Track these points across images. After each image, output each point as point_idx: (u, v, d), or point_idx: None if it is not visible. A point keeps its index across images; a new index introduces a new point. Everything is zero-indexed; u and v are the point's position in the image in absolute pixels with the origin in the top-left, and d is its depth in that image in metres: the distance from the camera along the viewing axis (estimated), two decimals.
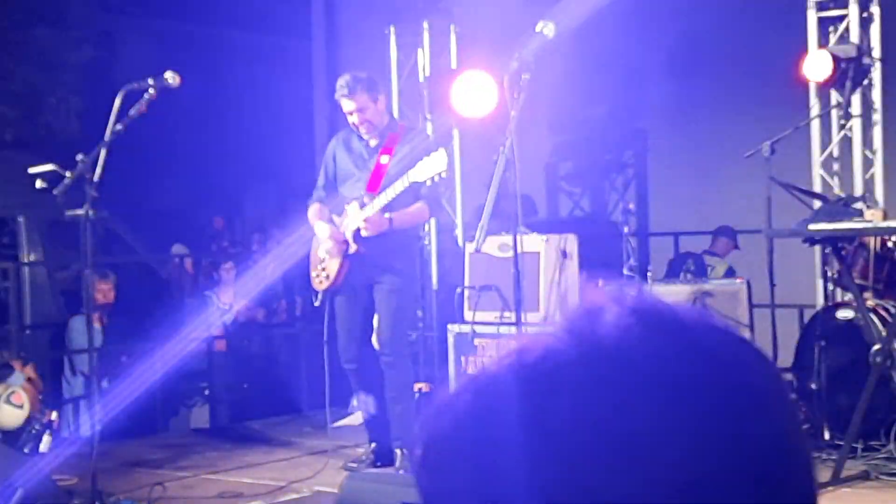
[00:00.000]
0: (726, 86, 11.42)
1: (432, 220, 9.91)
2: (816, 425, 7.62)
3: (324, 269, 7.61)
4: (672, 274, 10.37)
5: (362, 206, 7.42)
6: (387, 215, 7.38)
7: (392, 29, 10.21)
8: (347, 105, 7.48)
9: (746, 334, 1.03)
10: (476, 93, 9.38)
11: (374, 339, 7.68)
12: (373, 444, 7.74)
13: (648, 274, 9.37)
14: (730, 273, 10.24)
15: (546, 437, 0.88)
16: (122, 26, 17.91)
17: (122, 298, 10.23)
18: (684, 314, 0.94)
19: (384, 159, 7.51)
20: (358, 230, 7.40)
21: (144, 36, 17.89)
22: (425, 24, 10.03)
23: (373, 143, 7.59)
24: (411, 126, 7.79)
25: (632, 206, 11.31)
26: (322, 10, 13.59)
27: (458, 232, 10.11)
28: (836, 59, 9.10)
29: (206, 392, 10.34)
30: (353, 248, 7.48)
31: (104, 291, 9.62)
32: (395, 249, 7.49)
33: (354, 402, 9.45)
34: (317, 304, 7.78)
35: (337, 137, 7.81)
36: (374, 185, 7.50)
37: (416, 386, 9.16)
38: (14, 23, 16.04)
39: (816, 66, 9.30)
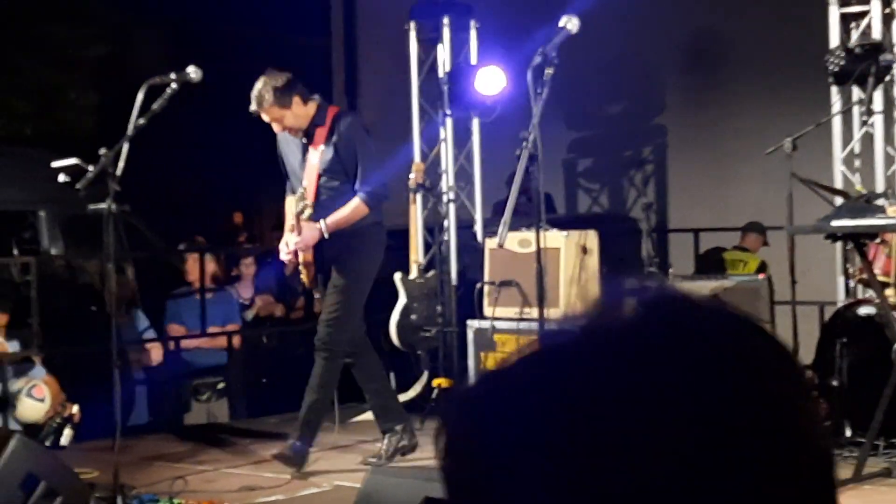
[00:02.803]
0: (747, 82, 11.40)
1: (451, 216, 9.91)
2: (837, 422, 7.60)
3: (302, 271, 7.65)
4: (702, 270, 10.37)
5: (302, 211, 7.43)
6: (318, 225, 7.37)
7: (412, 25, 10.20)
8: (264, 117, 7.42)
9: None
10: (495, 88, 9.39)
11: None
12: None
13: (670, 271, 9.36)
14: (762, 268, 10.23)
15: (565, 426, 0.87)
16: (138, 22, 17.93)
17: (141, 293, 10.25)
18: (705, 304, 0.93)
19: (313, 158, 7.47)
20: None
21: (161, 32, 17.91)
22: (445, 20, 10.02)
23: (304, 140, 7.54)
24: (345, 118, 7.59)
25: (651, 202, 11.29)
26: (341, 6, 13.61)
27: (478, 227, 10.11)
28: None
29: (225, 387, 10.35)
30: (302, 257, 7.51)
31: (123, 285, 9.61)
32: (344, 246, 7.45)
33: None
34: (318, 296, 7.85)
35: (280, 133, 7.66)
36: (308, 190, 7.47)
37: (436, 381, 9.18)
38: (31, 19, 16.07)
39: None
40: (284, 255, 7.55)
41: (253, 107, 7.39)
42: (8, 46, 15.95)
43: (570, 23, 7.09)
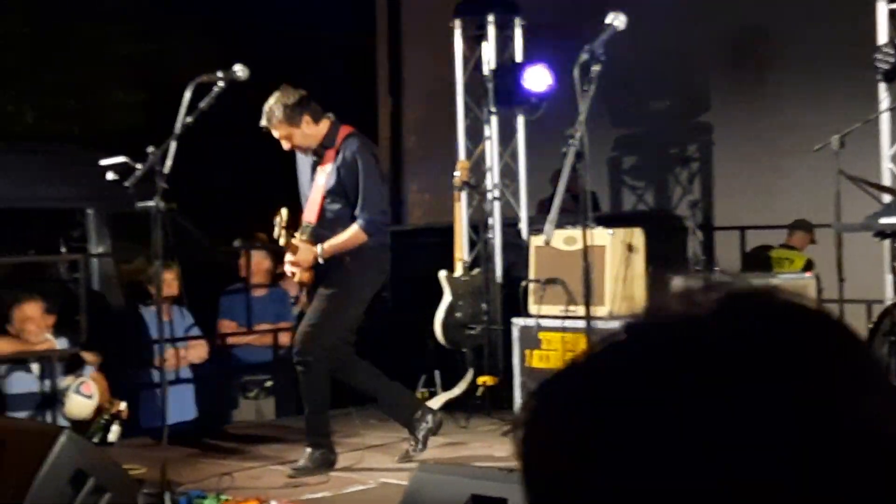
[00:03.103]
0: (794, 79, 11.33)
1: (496, 214, 9.91)
2: None
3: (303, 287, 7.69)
4: (748, 268, 10.32)
5: (301, 229, 7.45)
6: (315, 248, 7.34)
7: (456, 22, 10.19)
8: (273, 134, 7.41)
9: None
10: (542, 85, 9.37)
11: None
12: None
13: (716, 268, 9.32)
14: (808, 266, 10.17)
15: (651, 417, 0.87)
16: (184, 20, 18.02)
17: (188, 291, 10.27)
18: (781, 297, 0.93)
19: (320, 179, 7.44)
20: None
21: (207, 29, 17.98)
22: (490, 17, 10.01)
23: (314, 157, 7.52)
24: (352, 142, 7.48)
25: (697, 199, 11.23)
26: (385, 3, 13.61)
27: (522, 225, 10.10)
28: None
29: (272, 384, 10.37)
30: (299, 276, 7.50)
31: (168, 282, 9.64)
32: (340, 262, 7.40)
33: (419, 394, 9.47)
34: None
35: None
36: (311, 210, 7.47)
37: (480, 379, 9.18)
38: (79, 18, 16.18)
39: None
40: (287, 269, 7.58)
41: (262, 122, 7.37)
42: (56, 45, 16.07)
43: (616, 20, 7.07)
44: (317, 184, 7.45)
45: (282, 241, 7.37)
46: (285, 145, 7.46)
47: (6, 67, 15.84)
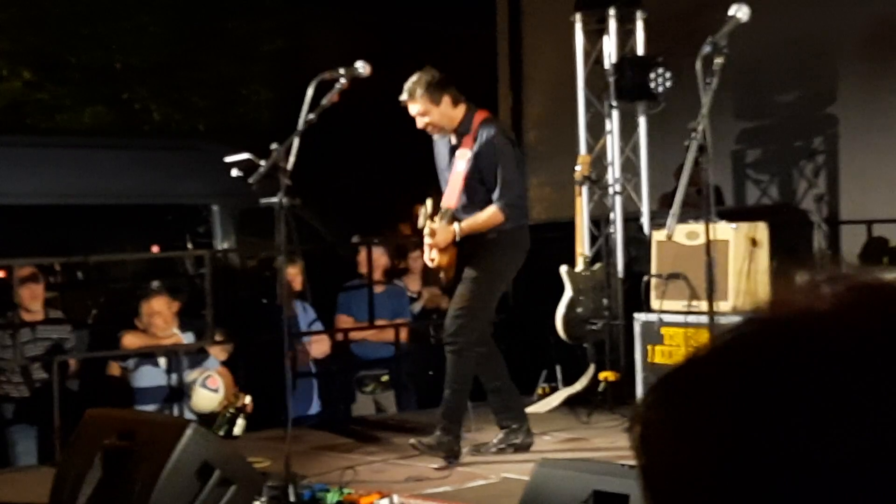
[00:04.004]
0: None
1: (618, 209, 9.84)
2: None
3: (441, 272, 7.69)
4: (867, 259, 10.12)
5: (440, 214, 7.50)
6: (452, 227, 7.40)
7: (577, 16, 10.14)
8: (410, 110, 7.50)
9: None
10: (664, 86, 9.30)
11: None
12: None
13: (842, 263, 9.15)
14: None
15: (773, 412, 0.86)
16: (312, 17, 18.19)
17: (311, 286, 10.38)
18: None
19: (459, 165, 7.49)
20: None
21: (333, 26, 18.13)
22: (611, 11, 9.93)
23: (454, 141, 7.58)
24: (490, 128, 7.55)
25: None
26: None
27: (644, 220, 10.02)
28: None
29: (390, 379, 10.43)
30: (437, 259, 7.52)
31: (293, 277, 9.76)
32: (481, 244, 7.46)
33: (539, 389, 9.46)
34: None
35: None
36: (451, 195, 7.52)
37: (602, 375, 9.13)
38: (207, 15, 16.40)
39: None
40: (426, 257, 7.63)
41: (403, 96, 7.48)
42: (188, 42, 16.30)
43: (740, 11, 6.97)
44: (456, 170, 7.53)
45: (421, 225, 7.47)
46: (420, 122, 7.55)
47: (137, 67, 16.13)
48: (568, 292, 9.17)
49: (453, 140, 7.60)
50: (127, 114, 15.89)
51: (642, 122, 10.08)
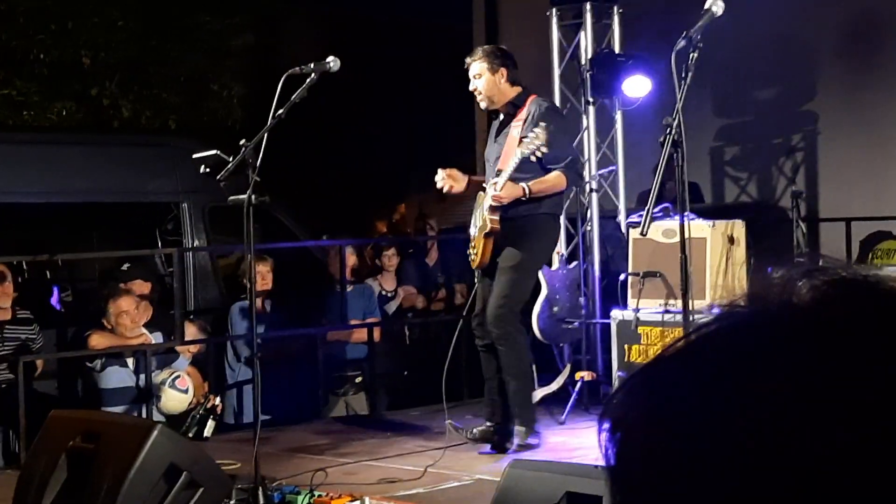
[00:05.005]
0: None
1: (594, 206, 9.77)
2: None
3: (473, 248, 7.63)
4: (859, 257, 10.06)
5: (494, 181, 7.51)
6: (521, 185, 7.39)
7: (553, 11, 10.05)
8: (470, 70, 7.67)
9: None
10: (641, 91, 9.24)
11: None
12: (487, 424, 7.77)
13: (821, 260, 9.08)
14: None
15: (743, 407, 0.84)
16: (284, 11, 18.10)
17: (283, 285, 10.28)
18: (880, 284, 0.90)
19: (514, 131, 7.53)
20: (492, 207, 7.43)
21: (306, 22, 18.05)
22: (587, 5, 9.85)
23: (503, 117, 7.71)
24: (542, 101, 7.72)
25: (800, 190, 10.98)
26: None
27: (621, 218, 9.93)
28: None
29: (364, 380, 10.33)
30: (488, 226, 7.49)
31: (262, 275, 9.65)
32: (518, 231, 7.47)
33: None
34: (478, 283, 7.82)
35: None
36: (504, 160, 7.54)
37: (578, 374, 9.04)
38: (178, 10, 16.29)
39: None
40: (501, 202, 7.50)
41: (468, 59, 7.70)
42: (158, 37, 16.19)
43: (715, 5, 6.90)
44: (511, 135, 7.58)
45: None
46: (472, 85, 7.69)
47: (107, 63, 16.01)
48: (544, 291, 9.07)
49: (502, 117, 7.71)
50: (96, 110, 15.78)
51: (619, 118, 9.99)
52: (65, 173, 10.24)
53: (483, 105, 7.79)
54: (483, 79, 7.61)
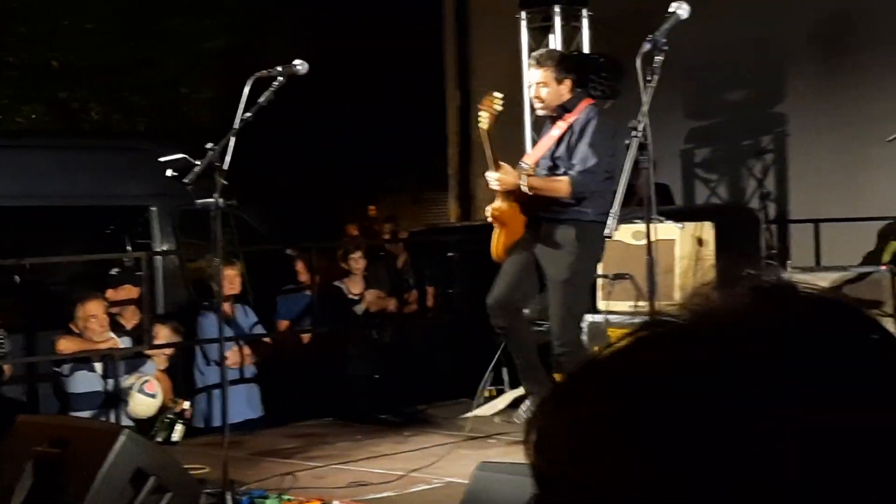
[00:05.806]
0: (873, 68, 11.06)
1: None
2: None
3: (498, 226, 7.61)
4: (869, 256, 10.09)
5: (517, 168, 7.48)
6: (521, 178, 7.34)
7: (523, 14, 10.07)
8: (532, 75, 7.54)
9: (889, 323, 1.06)
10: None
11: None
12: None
13: (788, 262, 9.13)
14: None
15: (663, 413, 0.84)
16: (255, 14, 18.05)
17: (251, 288, 10.25)
18: (809, 293, 0.90)
19: (554, 131, 7.49)
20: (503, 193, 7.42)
21: (277, 24, 18.00)
22: (556, 8, 9.87)
23: (553, 117, 7.59)
24: (594, 105, 7.62)
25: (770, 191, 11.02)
26: None
27: None
28: None
29: (336, 383, 10.31)
30: (498, 203, 7.47)
31: (230, 278, 9.61)
32: (564, 237, 7.41)
33: (486, 392, 9.36)
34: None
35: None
36: (535, 154, 7.56)
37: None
38: (147, 13, 16.25)
39: None
40: (494, 185, 7.46)
41: (531, 61, 7.58)
42: (128, 40, 16.13)
43: (680, 8, 6.90)
44: (549, 133, 7.53)
45: (483, 125, 7.36)
46: (533, 90, 7.56)
47: (76, 66, 15.95)
48: None
49: (553, 116, 7.58)
50: (65, 113, 15.72)
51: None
52: (33, 177, 10.18)
53: (541, 113, 7.68)
54: (550, 87, 7.45)
